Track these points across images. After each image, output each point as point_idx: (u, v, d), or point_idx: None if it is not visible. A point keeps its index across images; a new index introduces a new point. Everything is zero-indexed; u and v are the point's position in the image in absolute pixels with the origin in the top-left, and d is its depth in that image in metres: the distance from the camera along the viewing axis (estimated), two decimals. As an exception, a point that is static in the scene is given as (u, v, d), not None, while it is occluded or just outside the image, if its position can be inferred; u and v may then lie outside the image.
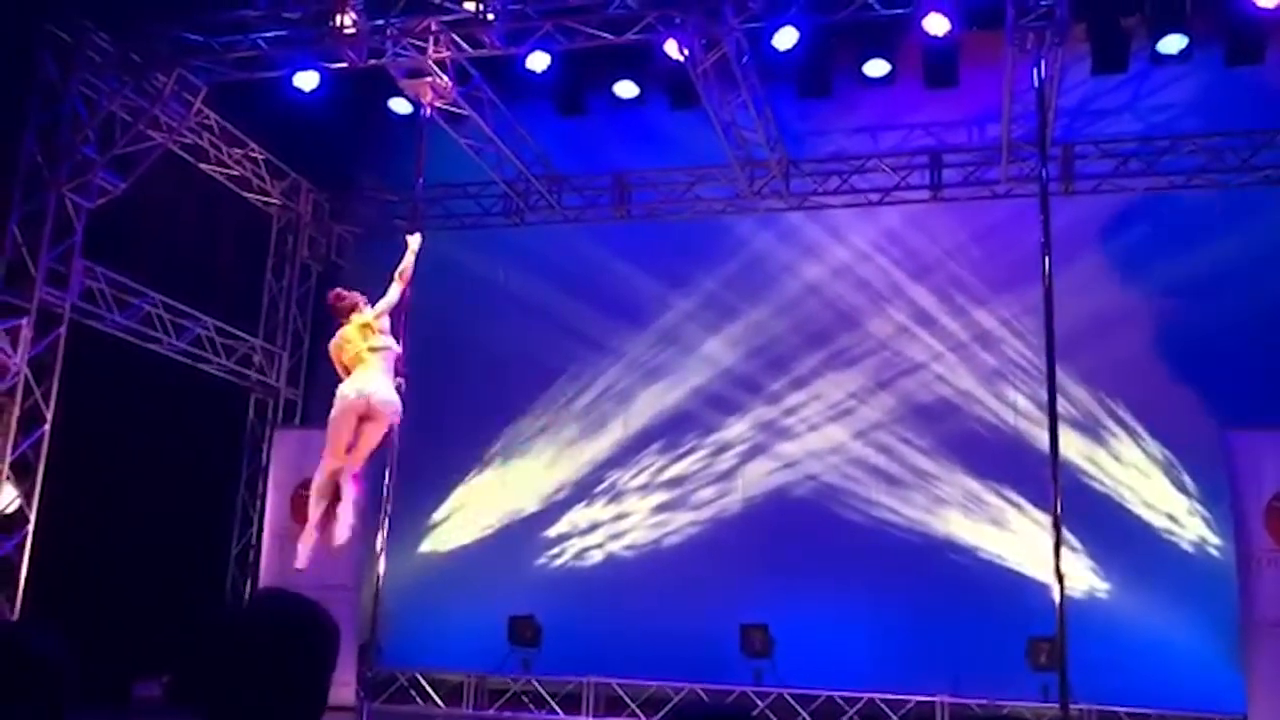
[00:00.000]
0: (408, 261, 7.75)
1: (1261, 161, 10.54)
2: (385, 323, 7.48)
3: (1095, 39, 9.95)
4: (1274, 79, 10.34)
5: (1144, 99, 11.01)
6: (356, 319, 7.40)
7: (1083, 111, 11.08)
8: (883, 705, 10.02)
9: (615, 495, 11.83)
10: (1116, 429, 10.64)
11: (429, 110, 9.61)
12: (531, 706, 10.89)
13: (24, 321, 9.21)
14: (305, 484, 11.05)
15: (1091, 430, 10.63)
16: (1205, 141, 10.69)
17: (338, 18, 9.11)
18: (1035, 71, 8.57)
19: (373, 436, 7.31)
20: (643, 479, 11.79)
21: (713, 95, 10.01)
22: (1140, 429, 10.58)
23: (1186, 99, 10.85)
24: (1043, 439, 8.27)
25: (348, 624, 9.42)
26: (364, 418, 7.22)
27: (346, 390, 7.21)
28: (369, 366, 7.26)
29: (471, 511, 12.17)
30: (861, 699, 10.08)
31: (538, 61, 9.76)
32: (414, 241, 7.90)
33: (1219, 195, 10.75)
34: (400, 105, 11.11)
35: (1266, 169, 10.54)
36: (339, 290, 7.70)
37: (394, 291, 7.59)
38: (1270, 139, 10.51)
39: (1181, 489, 10.39)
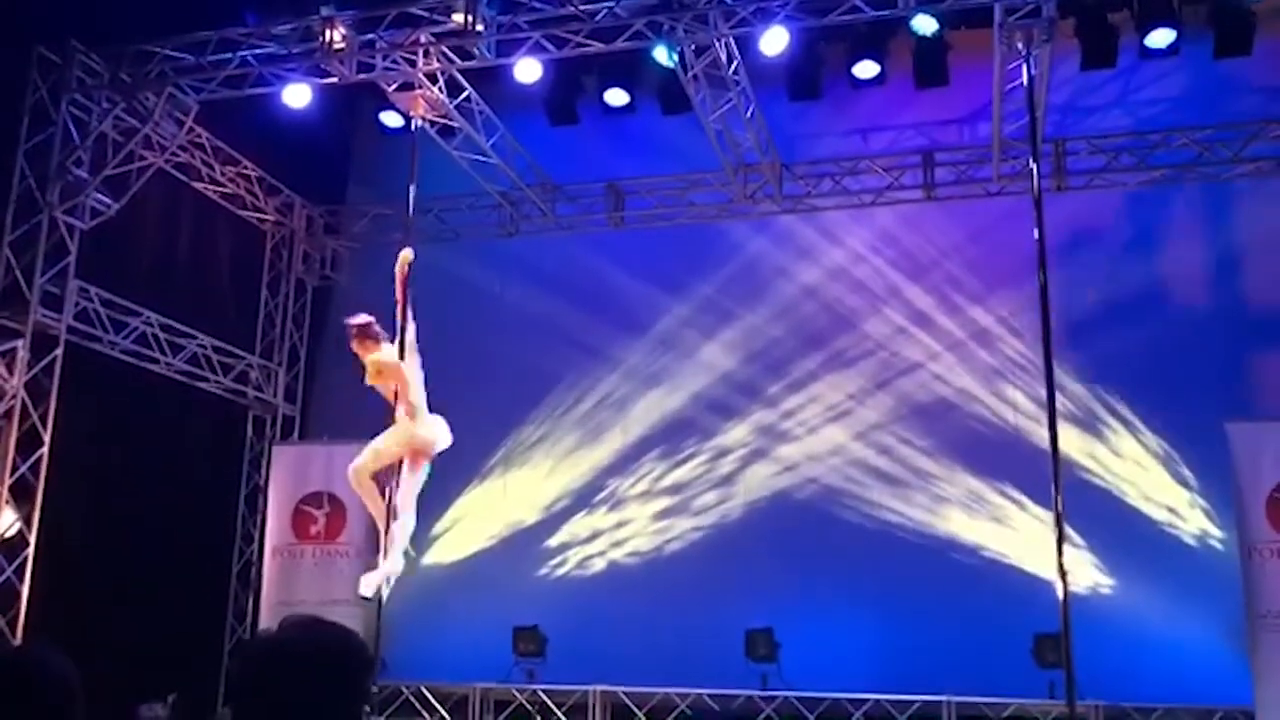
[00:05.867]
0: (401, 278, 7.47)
1: (1252, 153, 10.54)
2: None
3: (1084, 35, 9.99)
4: (1262, 71, 10.37)
5: (1133, 94, 11.04)
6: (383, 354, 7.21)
7: (1073, 108, 11.11)
8: (889, 707, 9.99)
9: (616, 503, 11.81)
10: (1115, 424, 10.64)
11: (420, 123, 9.61)
12: (538, 717, 10.85)
13: (19, 344, 9.21)
14: (306, 499, 11.15)
15: (1090, 426, 10.63)
16: (1196, 135, 10.70)
17: (327, 33, 9.12)
18: (1025, 69, 8.58)
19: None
20: (643, 486, 11.77)
21: (704, 101, 10.02)
22: (1139, 423, 10.58)
23: (1176, 93, 10.87)
24: (1042, 436, 8.27)
25: (351, 639, 9.38)
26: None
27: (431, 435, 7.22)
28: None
29: (472, 523, 12.14)
30: (868, 700, 10.06)
31: (527, 72, 9.78)
32: (404, 255, 7.56)
33: (1211, 188, 10.77)
34: (392, 119, 11.14)
35: (1258, 160, 10.54)
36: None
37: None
38: (1260, 130, 10.51)
39: (1182, 482, 10.38)
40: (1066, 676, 7.55)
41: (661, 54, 9.31)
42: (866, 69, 10.51)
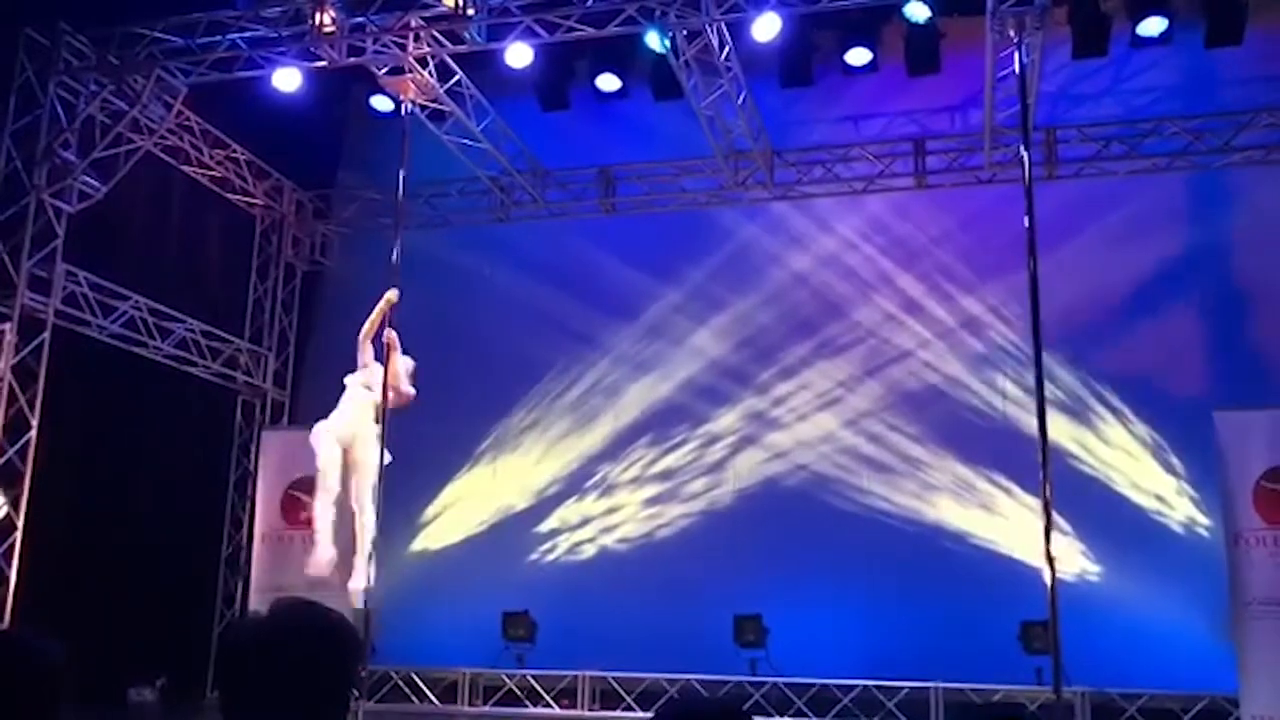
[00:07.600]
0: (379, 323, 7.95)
1: (1243, 142, 10.56)
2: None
3: (1076, 23, 9.97)
4: (1253, 60, 10.38)
5: (1125, 82, 11.04)
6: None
7: (1064, 96, 11.10)
8: (877, 693, 10.02)
9: (606, 489, 11.82)
10: (1104, 412, 10.67)
11: (411, 108, 9.57)
12: (527, 701, 10.88)
13: (7, 327, 9.16)
14: (295, 485, 11.09)
15: (1079, 414, 10.66)
16: (1187, 124, 10.71)
17: (317, 16, 9.06)
18: (1016, 56, 8.57)
19: None
20: (633, 472, 11.78)
21: (695, 87, 10.00)
22: (1128, 411, 10.62)
23: (1167, 81, 10.89)
24: (1031, 423, 8.30)
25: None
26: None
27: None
28: None
29: (462, 509, 12.14)
30: (856, 687, 10.09)
31: (518, 56, 9.74)
32: (390, 296, 7.99)
33: (1201, 177, 10.79)
34: (382, 103, 11.07)
35: (1248, 150, 10.56)
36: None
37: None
38: (1251, 120, 10.53)
39: (1170, 470, 10.43)
40: (1054, 663, 7.58)
41: (653, 40, 9.28)
42: (858, 56, 10.50)
